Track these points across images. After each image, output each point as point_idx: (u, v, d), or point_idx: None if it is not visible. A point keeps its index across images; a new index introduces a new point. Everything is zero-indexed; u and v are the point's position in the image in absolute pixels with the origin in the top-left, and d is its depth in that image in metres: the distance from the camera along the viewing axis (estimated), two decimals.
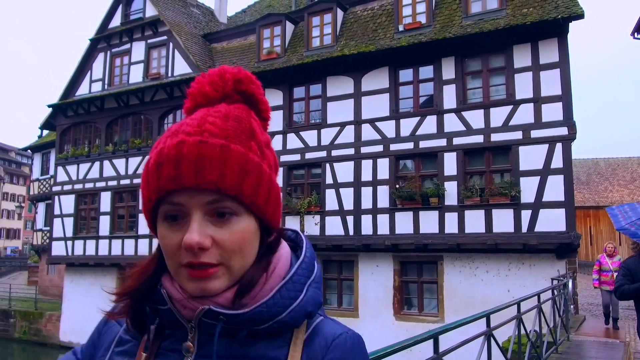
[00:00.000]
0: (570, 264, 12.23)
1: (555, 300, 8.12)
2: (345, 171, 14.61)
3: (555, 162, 12.19)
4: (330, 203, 14.69)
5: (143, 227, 17.55)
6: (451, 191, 13.15)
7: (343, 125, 14.83)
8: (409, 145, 13.85)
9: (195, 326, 0.75)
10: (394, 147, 14.05)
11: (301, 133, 15.43)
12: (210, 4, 22.91)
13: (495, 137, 12.85)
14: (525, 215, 12.33)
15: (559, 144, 12.21)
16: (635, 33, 14.10)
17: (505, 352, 4.92)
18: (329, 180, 14.81)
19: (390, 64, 14.40)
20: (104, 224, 18.53)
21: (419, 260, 13.85)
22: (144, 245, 17.43)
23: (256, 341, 0.75)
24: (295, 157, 15.27)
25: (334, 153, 14.84)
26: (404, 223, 13.63)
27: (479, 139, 13.03)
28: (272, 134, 14.70)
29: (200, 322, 0.74)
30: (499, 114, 12.91)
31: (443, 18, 14.20)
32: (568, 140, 12.19)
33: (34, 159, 27.70)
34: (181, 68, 17.60)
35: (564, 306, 8.82)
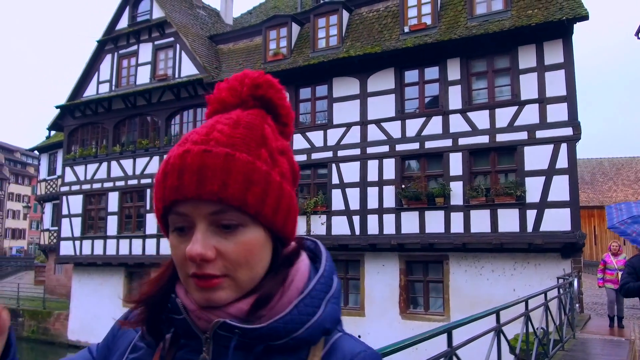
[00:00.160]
0: (576, 263, 12.33)
1: (561, 298, 8.23)
2: (351, 171, 14.74)
3: (560, 162, 12.29)
4: (337, 203, 14.82)
5: (150, 227, 17.73)
6: (457, 191, 13.27)
7: (349, 125, 14.96)
8: (415, 146, 13.97)
9: (210, 337, 0.73)
10: (399, 148, 14.17)
11: (307, 134, 15.56)
12: (216, 5, 23.08)
13: (501, 138, 12.96)
14: (531, 215, 12.44)
15: (564, 144, 12.31)
16: (639, 33, 14.19)
17: (514, 349, 5.04)
18: (335, 180, 14.94)
19: (395, 65, 14.52)
20: (112, 224, 18.71)
21: (424, 259, 13.97)
22: (151, 245, 17.60)
23: (272, 356, 0.72)
24: (302, 158, 15.41)
25: (340, 153, 14.97)
26: (410, 223, 13.75)
27: (484, 139, 13.14)
28: None
29: (215, 334, 0.73)
30: (504, 115, 13.02)
31: (448, 19, 14.31)
32: (573, 141, 12.29)
33: (41, 159, 27.91)
34: (188, 69, 17.76)
35: (569, 305, 8.93)
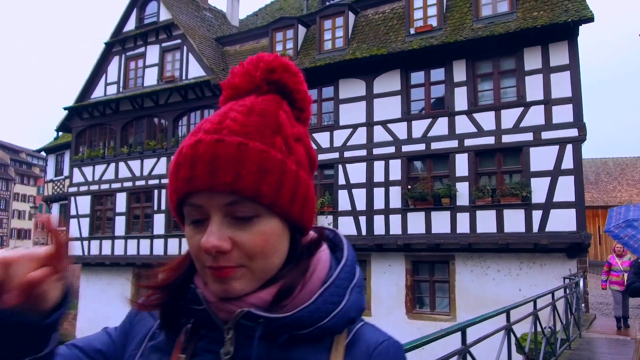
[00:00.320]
0: (581, 263, 12.41)
1: (568, 298, 8.34)
2: (357, 172, 14.86)
3: (565, 163, 12.38)
4: (343, 203, 14.95)
5: (158, 228, 17.90)
6: (463, 192, 13.37)
7: (355, 127, 15.08)
8: (421, 147, 14.08)
9: (232, 328, 0.72)
10: (405, 149, 14.28)
11: (314, 134, 15.68)
12: (222, 7, 23.21)
13: (506, 139, 13.05)
14: (536, 215, 12.53)
15: (569, 145, 12.39)
16: None
17: (523, 347, 5.15)
18: (342, 181, 15.06)
19: (401, 67, 14.63)
20: (120, 224, 18.89)
21: (430, 259, 14.08)
22: (159, 245, 17.77)
23: (296, 345, 0.72)
24: None
25: (347, 154, 15.09)
26: (416, 223, 13.87)
27: (490, 140, 13.24)
28: None
29: (237, 324, 0.72)
30: (509, 116, 13.11)
31: (454, 21, 14.42)
32: (578, 142, 12.37)
33: (48, 160, 28.12)
34: (195, 71, 17.92)
35: (576, 304, 9.03)
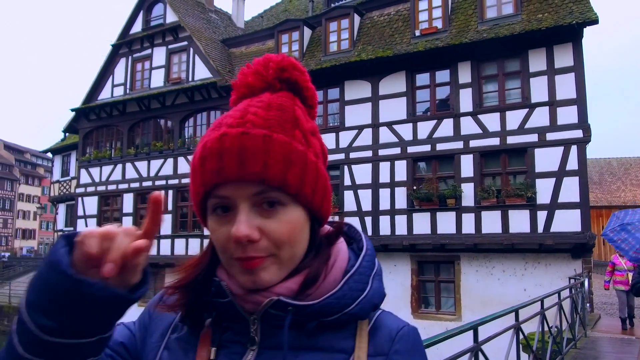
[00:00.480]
0: (586, 263, 12.50)
1: (573, 298, 8.45)
2: (363, 173, 14.98)
3: (570, 164, 12.47)
4: (349, 204, 15.06)
5: (165, 228, 18.06)
6: (468, 192, 13.48)
7: (361, 128, 15.20)
8: (426, 148, 14.20)
9: (258, 319, 0.75)
10: (411, 150, 14.40)
11: (320, 136, 15.78)
12: (227, 9, 23.37)
13: (511, 140, 13.15)
14: (541, 215, 12.63)
15: (574, 146, 12.49)
16: None
17: (530, 346, 5.26)
18: (347, 181, 15.19)
19: (407, 68, 14.75)
20: (127, 225, 18.99)
21: (436, 260, 14.19)
22: (166, 245, 17.92)
23: (323, 332, 0.75)
24: None
25: (352, 155, 15.21)
26: (422, 224, 13.98)
27: (495, 141, 13.34)
28: None
29: (264, 314, 0.74)
30: (514, 117, 13.21)
31: (459, 23, 14.52)
32: (583, 143, 12.47)
33: (55, 161, 28.31)
34: (201, 73, 18.07)
35: (581, 304, 9.13)
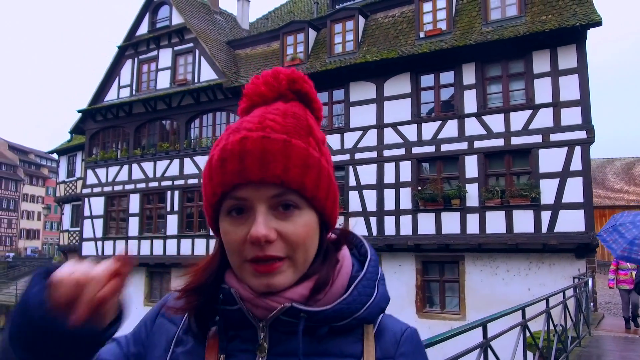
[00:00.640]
0: (590, 263, 12.61)
1: (577, 297, 8.56)
2: (368, 174, 15.11)
3: (574, 165, 12.57)
4: (354, 205, 15.19)
5: (171, 228, 18.22)
6: (472, 193, 13.59)
7: (366, 129, 15.32)
8: (431, 149, 14.31)
9: (267, 325, 0.75)
10: (416, 151, 14.52)
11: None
12: (232, 10, 23.52)
13: (515, 141, 13.26)
14: (545, 216, 12.74)
15: (577, 147, 12.59)
16: None
17: (536, 344, 5.37)
18: (352, 182, 15.31)
19: (411, 70, 14.86)
20: (133, 225, 19.22)
21: (440, 259, 14.31)
22: (172, 245, 18.09)
23: (333, 338, 0.76)
24: None
25: (357, 156, 15.34)
26: (427, 224, 14.10)
27: (499, 142, 13.45)
28: None
29: (274, 321, 0.74)
30: (518, 118, 13.32)
31: (463, 25, 14.64)
32: (586, 144, 12.57)
33: (60, 161, 28.52)
34: (207, 74, 18.21)
35: (585, 303, 9.24)
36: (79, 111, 20.91)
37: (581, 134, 12.58)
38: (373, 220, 14.85)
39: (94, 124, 20.93)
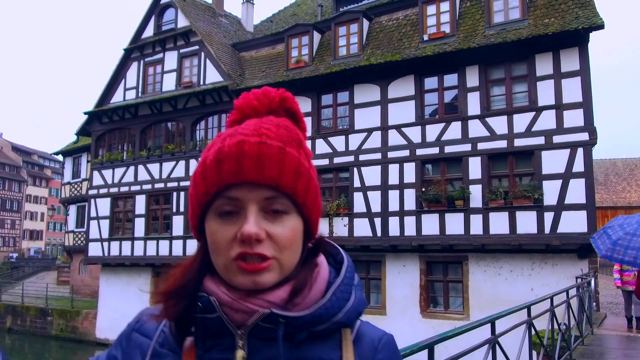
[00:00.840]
0: (592, 263, 12.76)
1: (581, 297, 8.72)
2: (372, 175, 15.27)
3: (576, 166, 12.73)
4: (358, 205, 15.35)
5: (177, 229, 18.40)
6: (476, 194, 13.74)
7: (370, 131, 15.48)
8: (435, 150, 14.47)
9: (246, 333, 0.75)
10: (420, 152, 14.68)
11: (329, 138, 16.11)
12: (237, 13, 23.71)
13: (519, 142, 13.41)
14: (548, 217, 12.89)
15: (580, 149, 12.75)
16: None
17: (541, 341, 5.52)
18: (357, 183, 15.47)
19: (415, 72, 15.03)
20: (139, 226, 19.40)
21: (444, 260, 14.47)
22: (178, 245, 18.26)
23: (312, 344, 0.77)
24: (324, 162, 15.94)
25: (362, 158, 15.50)
26: (430, 224, 14.25)
27: (502, 144, 13.61)
28: None
29: (253, 328, 0.75)
30: (521, 120, 13.47)
31: (466, 28, 14.79)
32: (589, 145, 12.73)
33: (65, 163, 28.73)
34: (213, 76, 18.40)
35: (588, 303, 9.39)
36: (85, 113, 21.12)
37: (583, 136, 12.73)
38: (377, 221, 15.01)
39: (100, 126, 21.13)
